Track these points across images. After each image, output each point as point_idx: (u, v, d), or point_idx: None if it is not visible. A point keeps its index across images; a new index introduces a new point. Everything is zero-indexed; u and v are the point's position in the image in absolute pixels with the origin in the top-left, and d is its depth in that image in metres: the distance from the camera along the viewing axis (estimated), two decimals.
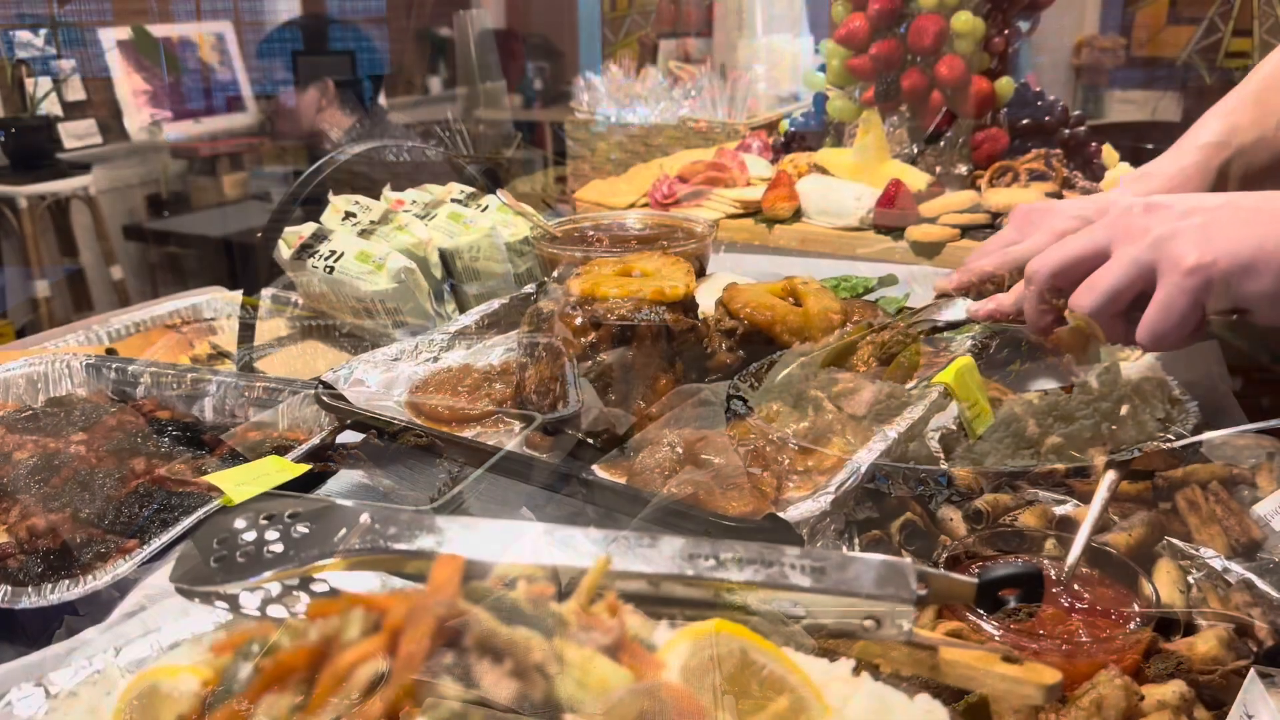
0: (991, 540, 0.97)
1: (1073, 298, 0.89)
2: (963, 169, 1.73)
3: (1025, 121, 1.77)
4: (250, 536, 0.68)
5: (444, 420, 1.10)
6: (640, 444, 1.03)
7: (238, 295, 1.81)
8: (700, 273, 1.41)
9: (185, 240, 4.94)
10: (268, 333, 1.47)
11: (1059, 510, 1.11)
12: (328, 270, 1.34)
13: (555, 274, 1.35)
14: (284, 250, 1.42)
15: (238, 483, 1.02)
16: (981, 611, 0.75)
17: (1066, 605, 0.90)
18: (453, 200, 1.54)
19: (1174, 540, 1.00)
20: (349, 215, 1.50)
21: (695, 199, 1.75)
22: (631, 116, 2.46)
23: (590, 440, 1.03)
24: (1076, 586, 0.92)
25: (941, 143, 1.74)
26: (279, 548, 0.67)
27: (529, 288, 1.39)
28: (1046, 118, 1.77)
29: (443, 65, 7.19)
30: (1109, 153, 1.81)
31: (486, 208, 1.51)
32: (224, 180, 5.64)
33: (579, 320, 1.04)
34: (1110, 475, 0.96)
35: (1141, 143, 2.11)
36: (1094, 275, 0.88)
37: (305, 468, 1.08)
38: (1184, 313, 0.84)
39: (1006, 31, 1.67)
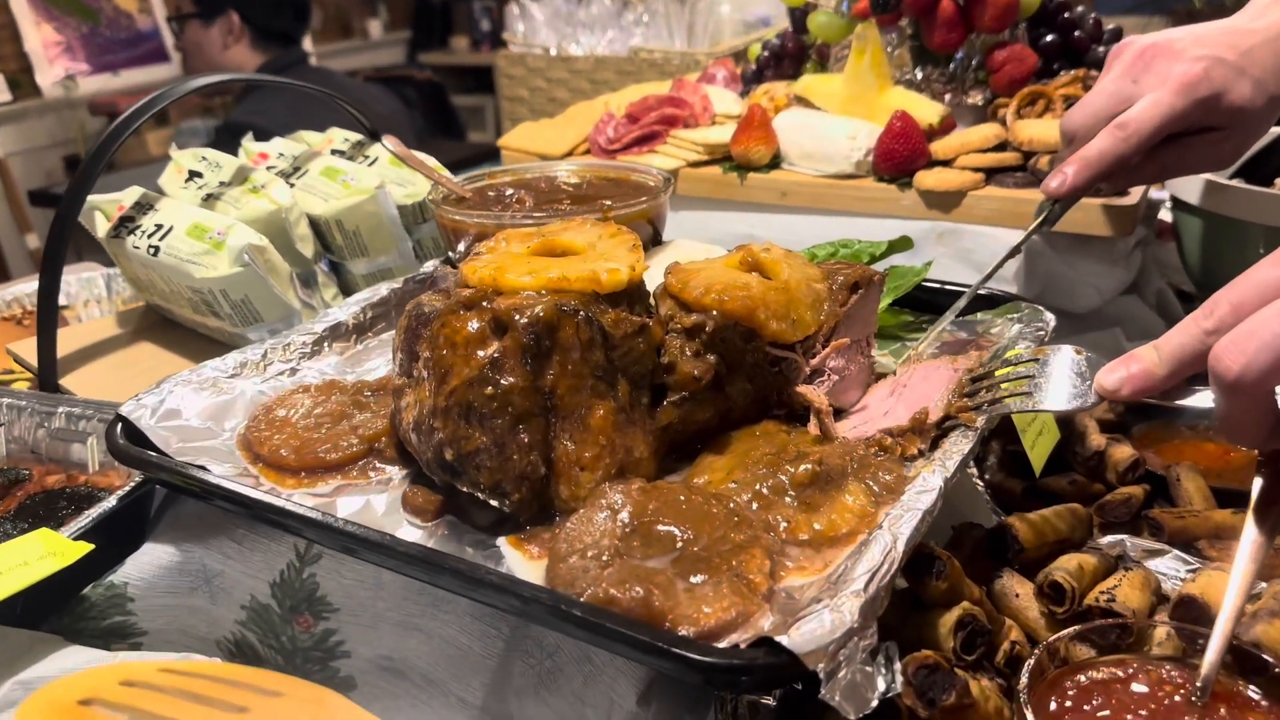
0: (1086, 637, 0.66)
1: None
2: (978, 97, 1.39)
3: (1050, 38, 1.43)
4: None
5: (290, 469, 0.77)
6: (569, 505, 0.70)
7: (105, 273, 1.44)
8: (654, 240, 1.07)
9: None
10: (88, 334, 1.11)
11: (1156, 567, 0.80)
12: (151, 251, 0.99)
13: (459, 250, 1.01)
14: (100, 224, 1.06)
15: None
16: None
17: None
18: (332, 152, 1.19)
19: None
20: (194, 175, 1.14)
21: (648, 143, 1.40)
22: (574, 48, 2.08)
23: (496, 502, 0.70)
24: (1220, 711, 0.61)
25: (952, 65, 1.40)
26: None
27: (430, 265, 1.05)
28: (1075, 33, 1.44)
29: (383, 7, 6.76)
30: None
31: (374, 160, 1.16)
32: (148, 138, 5.33)
33: (474, 325, 0.70)
34: (1253, 534, 0.64)
35: None
36: None
37: (85, 548, 0.74)
38: None
39: None
